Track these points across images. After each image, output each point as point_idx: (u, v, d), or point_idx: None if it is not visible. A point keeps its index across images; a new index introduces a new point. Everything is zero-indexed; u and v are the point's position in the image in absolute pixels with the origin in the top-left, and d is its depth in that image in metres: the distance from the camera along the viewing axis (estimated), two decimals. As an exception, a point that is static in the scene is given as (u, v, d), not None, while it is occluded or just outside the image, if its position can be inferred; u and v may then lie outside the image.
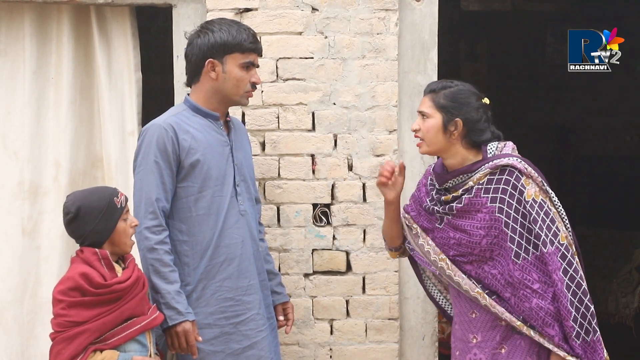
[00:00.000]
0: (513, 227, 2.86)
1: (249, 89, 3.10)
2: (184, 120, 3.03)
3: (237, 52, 3.04)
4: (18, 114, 3.69)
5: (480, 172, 2.90)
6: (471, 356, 2.99)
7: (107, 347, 2.70)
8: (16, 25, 3.68)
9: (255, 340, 3.11)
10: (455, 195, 2.94)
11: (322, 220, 3.60)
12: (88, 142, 3.76)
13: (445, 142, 2.93)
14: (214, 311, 3.06)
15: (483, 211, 2.89)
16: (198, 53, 3.05)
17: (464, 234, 2.93)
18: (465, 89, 2.96)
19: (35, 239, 3.70)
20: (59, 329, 2.68)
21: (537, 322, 2.84)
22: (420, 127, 2.96)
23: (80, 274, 2.68)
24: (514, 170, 2.88)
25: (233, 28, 3.05)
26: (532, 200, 2.86)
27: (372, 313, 3.61)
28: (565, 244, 2.86)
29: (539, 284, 2.84)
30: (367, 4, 3.53)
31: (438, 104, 2.93)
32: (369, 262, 3.59)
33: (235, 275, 3.08)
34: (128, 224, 2.82)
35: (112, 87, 3.71)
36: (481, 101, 2.96)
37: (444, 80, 3.00)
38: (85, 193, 2.81)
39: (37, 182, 3.70)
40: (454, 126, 2.91)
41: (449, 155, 2.96)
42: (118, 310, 2.73)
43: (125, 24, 3.70)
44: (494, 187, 2.89)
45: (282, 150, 3.57)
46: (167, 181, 2.99)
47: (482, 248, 2.90)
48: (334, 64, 3.55)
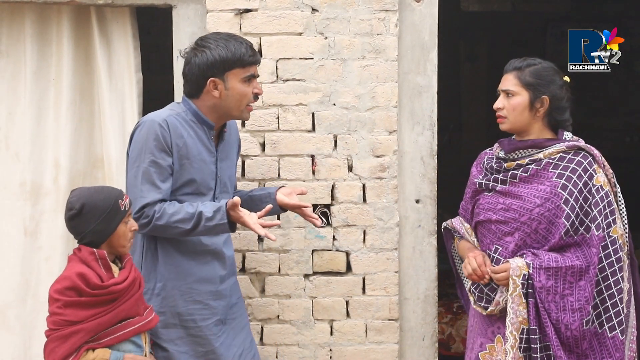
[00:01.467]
0: (572, 205, 2.89)
1: (252, 100, 3.09)
2: (180, 122, 3.02)
3: (237, 68, 3.01)
4: (19, 115, 3.70)
5: (554, 148, 2.95)
6: (494, 329, 3.03)
7: (100, 346, 2.71)
8: (17, 27, 3.68)
9: (216, 346, 3.12)
10: (520, 164, 2.97)
11: (322, 220, 3.60)
12: (88, 142, 3.77)
13: (529, 119, 2.99)
14: (182, 312, 3.07)
15: (546, 184, 2.93)
16: (198, 72, 3.02)
17: (516, 199, 2.96)
18: (549, 66, 3.02)
19: (36, 239, 3.72)
20: (54, 327, 2.68)
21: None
22: (504, 105, 2.99)
23: (78, 273, 2.68)
24: (589, 155, 2.95)
25: (230, 43, 3.01)
26: (600, 187, 2.91)
27: (372, 314, 3.61)
28: (614, 237, 2.89)
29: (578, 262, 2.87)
30: (367, 4, 3.53)
31: (524, 82, 2.97)
32: (369, 263, 3.60)
33: (205, 280, 3.09)
34: (128, 228, 2.82)
35: (112, 88, 3.71)
36: (563, 79, 2.99)
37: (527, 58, 3.03)
38: (92, 191, 2.79)
39: (38, 182, 3.71)
40: (540, 103, 2.96)
41: (527, 133, 3.01)
42: (114, 311, 2.73)
43: (126, 25, 3.70)
44: (564, 164, 2.93)
45: (282, 150, 3.57)
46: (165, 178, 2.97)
47: (531, 216, 2.92)
48: (334, 65, 3.55)
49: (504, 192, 3.01)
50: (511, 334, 2.90)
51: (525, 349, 2.90)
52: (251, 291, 3.60)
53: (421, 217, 3.64)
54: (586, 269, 2.86)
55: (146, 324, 2.83)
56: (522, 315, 2.89)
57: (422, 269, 3.65)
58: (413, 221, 3.64)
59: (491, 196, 3.04)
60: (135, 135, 3.02)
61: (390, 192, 3.57)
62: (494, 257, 3.02)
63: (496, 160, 3.08)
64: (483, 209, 3.06)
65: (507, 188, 3.00)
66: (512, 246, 2.97)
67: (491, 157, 3.12)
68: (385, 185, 3.57)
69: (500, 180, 3.03)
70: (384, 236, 3.58)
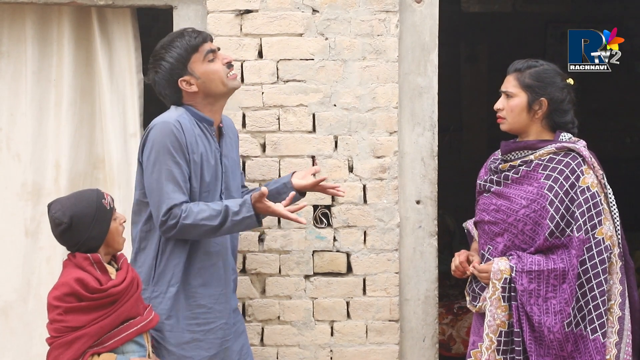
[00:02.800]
0: (557, 207, 2.89)
1: (227, 70, 3.07)
2: (187, 122, 3.02)
3: (193, 54, 3.03)
4: (20, 115, 3.70)
5: (544, 150, 2.96)
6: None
7: (105, 349, 2.70)
8: (18, 27, 3.68)
9: (219, 350, 3.12)
10: (512, 165, 2.99)
11: (323, 221, 3.60)
12: (89, 143, 3.77)
13: (527, 121, 3.00)
14: (188, 316, 3.06)
15: (534, 185, 2.94)
16: (166, 84, 3.04)
17: (506, 200, 2.98)
18: (551, 68, 3.02)
19: (38, 239, 3.72)
20: (56, 334, 2.68)
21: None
22: (503, 106, 3.00)
23: (75, 279, 2.67)
24: (578, 156, 2.94)
25: (175, 41, 3.03)
26: (586, 188, 2.90)
27: (373, 314, 3.61)
28: (599, 238, 2.87)
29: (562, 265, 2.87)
30: (367, 5, 3.53)
31: (523, 83, 2.98)
32: (369, 264, 3.60)
33: (210, 283, 3.09)
34: (118, 222, 2.81)
35: (113, 89, 3.72)
36: (566, 81, 3.00)
37: (529, 60, 3.04)
38: (73, 201, 2.77)
39: (39, 183, 3.71)
40: (538, 105, 2.97)
41: (527, 134, 3.03)
42: (115, 313, 2.73)
43: (127, 26, 3.70)
44: (552, 166, 2.94)
45: (282, 151, 3.57)
46: (186, 179, 2.97)
47: (517, 217, 2.94)
48: (335, 66, 3.55)
49: (497, 193, 3.03)
50: (487, 336, 2.93)
51: (504, 352, 2.92)
52: (252, 292, 3.60)
53: (422, 218, 3.64)
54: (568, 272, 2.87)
55: (148, 324, 2.82)
56: (500, 318, 2.92)
57: (422, 269, 3.65)
58: (414, 222, 3.64)
59: (487, 197, 3.07)
60: (149, 138, 2.98)
61: (390, 193, 3.58)
62: (486, 257, 3.04)
63: (497, 161, 3.10)
64: (479, 209, 3.11)
65: (500, 189, 3.02)
66: (502, 246, 3.00)
67: (496, 158, 3.14)
68: (385, 186, 3.58)
69: (495, 182, 3.06)
70: (385, 237, 3.58)
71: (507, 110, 3.00)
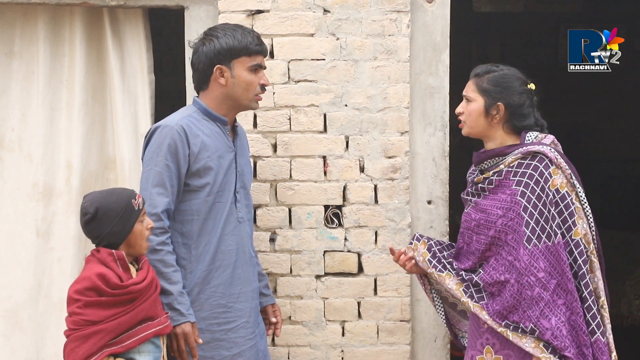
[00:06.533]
0: (531, 212, 2.87)
1: (259, 91, 3.11)
2: (194, 123, 3.03)
3: (244, 56, 3.05)
4: (32, 116, 3.72)
5: (512, 156, 2.95)
6: (483, 341, 3.01)
7: (122, 349, 2.70)
8: (30, 28, 3.70)
9: (243, 349, 3.12)
10: (486, 177, 2.99)
11: (334, 221, 3.60)
12: (101, 144, 3.78)
13: (486, 125, 3.00)
14: (207, 316, 3.06)
15: (507, 193, 2.93)
16: (205, 60, 3.05)
17: (483, 214, 2.97)
18: (510, 73, 3.02)
19: (49, 240, 3.73)
20: (74, 327, 2.69)
21: (534, 312, 2.84)
22: (463, 110, 3.01)
23: (97, 274, 2.70)
24: (545, 158, 2.93)
25: (237, 32, 3.05)
26: (556, 190, 2.89)
27: (384, 315, 3.60)
28: (577, 239, 2.87)
29: (543, 273, 2.85)
30: (378, 5, 3.53)
31: (480, 88, 2.99)
32: (380, 264, 3.59)
33: (229, 282, 3.09)
34: (144, 226, 2.83)
35: (125, 89, 3.72)
36: (526, 86, 3.00)
37: (489, 65, 3.05)
38: (104, 194, 2.81)
39: (50, 183, 3.72)
40: (495, 110, 2.96)
41: (490, 139, 3.03)
42: (133, 311, 2.74)
43: (138, 26, 3.71)
44: (522, 171, 2.93)
45: (293, 151, 3.57)
46: (174, 184, 2.98)
47: (497, 229, 2.93)
48: (346, 66, 3.55)
49: (476, 206, 3.03)
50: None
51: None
52: (263, 292, 3.61)
53: (433, 218, 3.63)
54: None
55: (164, 328, 2.84)
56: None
57: (434, 270, 3.64)
58: (425, 222, 3.63)
59: (467, 213, 3.09)
60: (149, 140, 3.03)
61: (402, 193, 3.57)
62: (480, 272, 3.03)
63: (475, 173, 3.10)
64: (463, 227, 3.10)
65: (478, 202, 3.02)
66: (493, 261, 2.97)
67: (474, 169, 3.13)
68: (397, 186, 3.57)
69: (473, 194, 3.07)
70: (396, 237, 3.58)
71: (466, 114, 3.03)
